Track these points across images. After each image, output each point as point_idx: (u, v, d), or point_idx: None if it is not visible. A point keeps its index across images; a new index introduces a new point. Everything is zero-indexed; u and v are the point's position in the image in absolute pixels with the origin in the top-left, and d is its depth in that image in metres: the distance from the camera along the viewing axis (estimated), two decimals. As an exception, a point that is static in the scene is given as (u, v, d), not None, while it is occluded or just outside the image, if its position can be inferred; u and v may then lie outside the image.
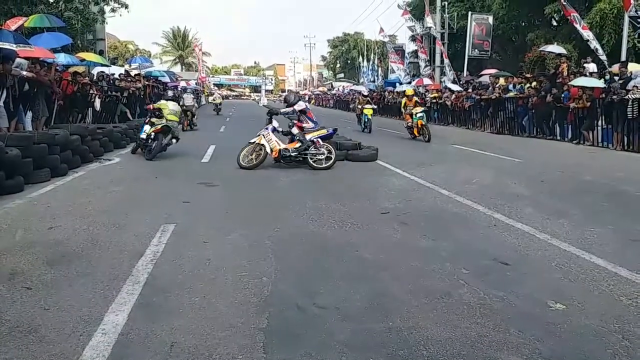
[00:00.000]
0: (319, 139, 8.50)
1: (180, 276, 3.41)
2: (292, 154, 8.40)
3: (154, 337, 2.56)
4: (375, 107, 19.33)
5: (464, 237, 4.47)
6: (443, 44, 26.90)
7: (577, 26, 16.79)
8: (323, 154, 8.47)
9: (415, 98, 14.70)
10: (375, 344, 2.54)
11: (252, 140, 8.44)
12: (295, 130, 8.59)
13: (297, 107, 8.80)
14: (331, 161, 8.49)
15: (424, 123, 13.74)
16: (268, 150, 8.34)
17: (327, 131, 8.74)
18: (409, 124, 14.26)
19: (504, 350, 2.48)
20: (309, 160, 8.43)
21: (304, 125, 8.69)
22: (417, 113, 13.83)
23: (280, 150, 8.37)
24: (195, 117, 17.55)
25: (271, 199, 6.13)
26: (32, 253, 3.82)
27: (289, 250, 4.04)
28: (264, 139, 8.38)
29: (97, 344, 2.47)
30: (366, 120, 16.90)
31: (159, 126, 9.27)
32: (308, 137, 8.47)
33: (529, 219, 5.07)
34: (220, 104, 29.39)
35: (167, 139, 9.41)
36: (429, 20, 26.87)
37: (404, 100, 14.96)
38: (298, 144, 8.44)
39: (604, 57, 16.25)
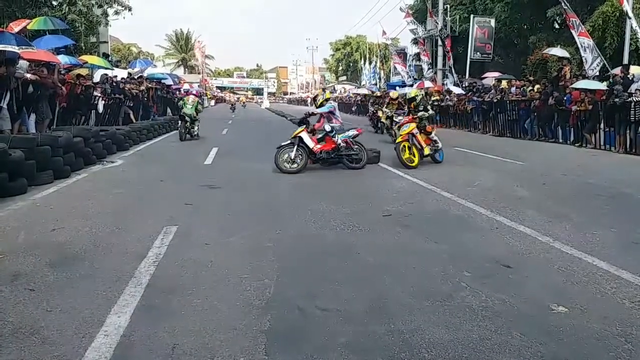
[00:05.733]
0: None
1: (182, 278, 3.42)
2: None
3: (156, 339, 2.57)
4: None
5: (466, 240, 4.47)
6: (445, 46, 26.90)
7: (574, 32, 16.52)
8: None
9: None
10: (377, 346, 2.54)
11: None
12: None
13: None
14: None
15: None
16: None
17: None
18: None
19: (506, 353, 2.48)
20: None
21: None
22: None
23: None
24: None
25: (273, 202, 6.14)
26: (35, 255, 3.83)
27: (291, 253, 4.04)
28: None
29: (100, 346, 2.48)
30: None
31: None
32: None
33: (531, 222, 5.06)
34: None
35: None
36: (431, 23, 26.88)
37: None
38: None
39: (593, 72, 15.13)
